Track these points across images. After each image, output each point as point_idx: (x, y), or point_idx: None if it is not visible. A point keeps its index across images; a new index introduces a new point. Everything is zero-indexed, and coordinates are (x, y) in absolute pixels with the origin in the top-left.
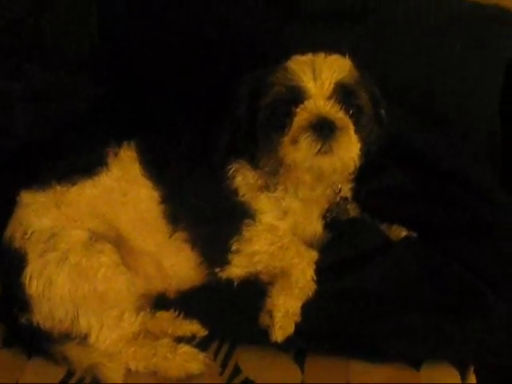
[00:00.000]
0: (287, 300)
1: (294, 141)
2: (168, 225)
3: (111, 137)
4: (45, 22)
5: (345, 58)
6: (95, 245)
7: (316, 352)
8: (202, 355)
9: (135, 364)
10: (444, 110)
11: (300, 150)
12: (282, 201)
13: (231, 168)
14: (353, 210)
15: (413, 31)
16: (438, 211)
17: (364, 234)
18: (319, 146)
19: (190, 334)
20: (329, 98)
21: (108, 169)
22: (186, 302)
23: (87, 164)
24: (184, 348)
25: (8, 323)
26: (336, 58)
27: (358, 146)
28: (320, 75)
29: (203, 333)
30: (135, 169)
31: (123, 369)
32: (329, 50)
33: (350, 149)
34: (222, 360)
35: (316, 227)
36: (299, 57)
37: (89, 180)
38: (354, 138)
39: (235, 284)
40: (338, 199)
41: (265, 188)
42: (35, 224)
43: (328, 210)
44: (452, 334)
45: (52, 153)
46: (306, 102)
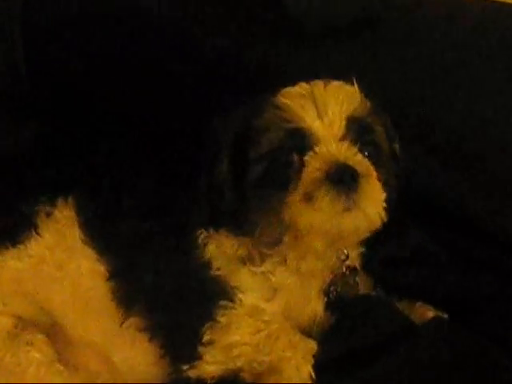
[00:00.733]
0: None
1: (308, 198)
2: (118, 308)
3: (42, 191)
4: None
5: (349, 83)
6: (22, 335)
7: None
8: None
9: None
10: (472, 149)
11: (318, 210)
12: (270, 276)
13: (201, 233)
14: (363, 283)
15: (428, 45)
16: (476, 282)
17: (378, 315)
18: (343, 201)
19: None
20: (341, 139)
21: (38, 234)
22: None
23: (11, 227)
24: None
25: None
26: (339, 85)
27: (384, 195)
28: (325, 110)
29: None
30: (74, 234)
31: None
32: (327, 76)
33: (376, 200)
34: None
35: (315, 308)
36: (291, 89)
37: (13, 249)
38: (378, 185)
39: None
40: (343, 269)
41: (248, 260)
42: None
43: (331, 283)
44: None
45: None
46: (315, 148)
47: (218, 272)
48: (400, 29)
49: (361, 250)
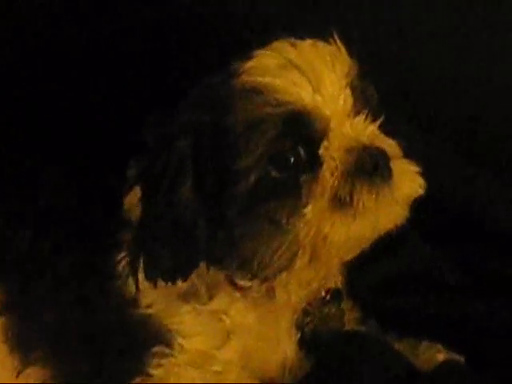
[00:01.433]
0: None
1: (338, 203)
2: (14, 354)
3: None
4: None
5: (333, 41)
6: None
7: None
8: None
9: None
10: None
11: (360, 215)
12: (222, 315)
13: (123, 258)
14: (349, 314)
15: None
16: (499, 312)
17: (369, 360)
18: (385, 196)
19: None
20: (351, 115)
21: None
22: None
23: None
24: None
25: None
26: (320, 44)
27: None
28: (321, 81)
29: None
30: None
31: None
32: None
33: (414, 185)
34: None
35: (285, 350)
36: (259, 60)
37: None
38: (411, 165)
39: None
40: (321, 293)
41: (191, 295)
42: None
43: (305, 312)
44: None
45: None
46: (329, 134)
47: (148, 310)
48: None
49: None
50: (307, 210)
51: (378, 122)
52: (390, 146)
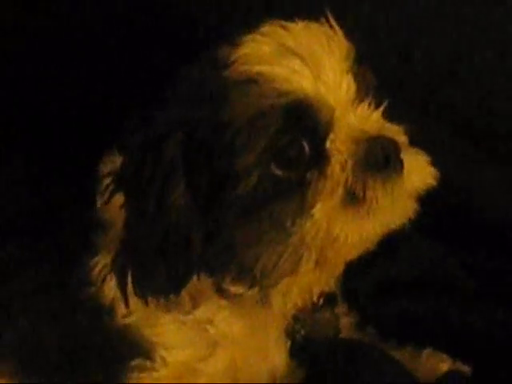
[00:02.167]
0: None
1: (350, 201)
2: None
3: None
4: None
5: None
6: None
7: None
8: None
9: None
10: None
11: (375, 213)
12: (207, 326)
13: (97, 263)
14: (345, 319)
15: None
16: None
17: (367, 370)
18: (399, 189)
19: None
20: (355, 103)
21: None
22: None
23: None
24: None
25: None
26: (314, 26)
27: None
28: (321, 67)
29: None
30: None
31: None
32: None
33: (426, 174)
34: None
35: (275, 360)
36: (250, 45)
37: None
38: (421, 153)
39: None
40: (314, 299)
41: (173, 304)
42: None
43: (296, 319)
44: None
45: None
46: (335, 126)
47: (126, 320)
48: None
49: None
50: (315, 209)
51: (382, 109)
52: (397, 134)
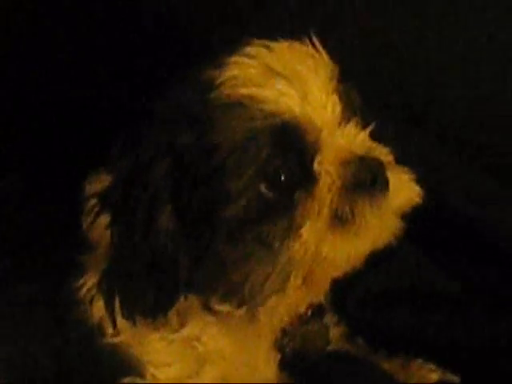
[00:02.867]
0: None
1: (338, 221)
2: None
3: None
4: None
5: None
6: None
7: None
8: None
9: None
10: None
11: (363, 232)
12: (195, 343)
13: (85, 283)
14: (334, 330)
15: None
16: (502, 330)
17: (357, 380)
18: (386, 209)
19: None
20: (341, 123)
21: None
22: None
23: None
24: None
25: None
26: (297, 46)
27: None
28: (307, 87)
29: None
30: None
31: None
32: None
33: (411, 193)
34: None
35: (266, 373)
36: (241, 60)
37: None
38: (405, 172)
39: None
40: (300, 308)
41: (160, 323)
42: None
43: (285, 332)
44: None
45: None
46: (323, 147)
47: (114, 339)
48: None
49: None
50: (303, 230)
51: (368, 129)
52: (383, 154)
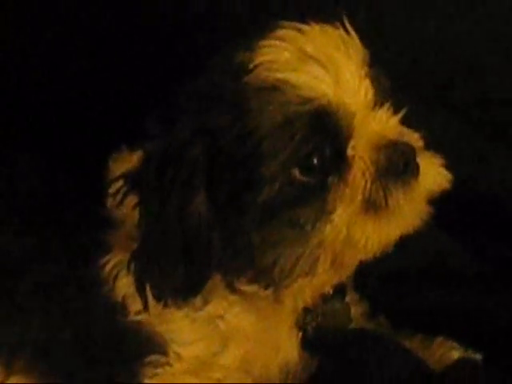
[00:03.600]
0: None
1: (370, 206)
2: None
3: None
4: None
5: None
6: None
7: None
8: None
9: None
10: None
11: (395, 218)
12: (219, 321)
13: (109, 261)
14: (356, 308)
15: None
16: None
17: (379, 359)
18: (418, 195)
19: None
20: (374, 107)
21: None
22: None
23: None
24: None
25: None
26: (330, 30)
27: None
28: (340, 72)
29: None
30: None
31: None
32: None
33: (441, 178)
34: None
35: (287, 353)
36: (267, 50)
37: None
38: (435, 157)
39: None
40: (325, 289)
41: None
42: None
43: (307, 311)
44: None
45: None
46: (356, 132)
47: (138, 317)
48: None
49: None
50: (335, 214)
51: (400, 114)
52: (414, 139)
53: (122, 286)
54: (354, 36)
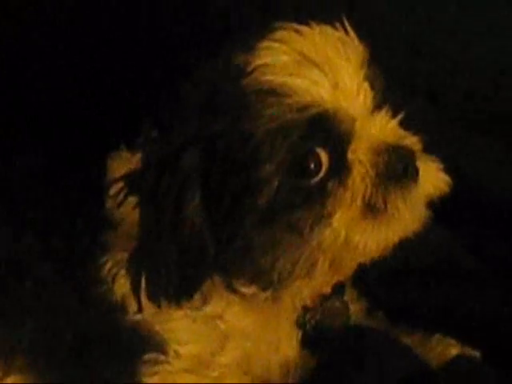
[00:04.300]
0: None
1: (369, 210)
2: None
3: None
4: None
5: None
6: None
7: None
8: None
9: None
10: None
11: (395, 222)
12: (218, 321)
13: (107, 261)
14: (354, 306)
15: None
16: None
17: (377, 356)
18: (417, 199)
19: None
20: (373, 110)
21: None
22: None
23: None
24: None
25: None
26: (329, 30)
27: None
28: (338, 75)
29: None
30: None
31: None
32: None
33: (439, 182)
34: None
35: (286, 351)
36: (273, 46)
37: None
38: (433, 161)
39: None
40: (323, 290)
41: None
42: None
43: (305, 309)
44: None
45: None
46: (355, 136)
47: (137, 316)
48: None
49: None
50: (334, 218)
51: (398, 118)
52: (413, 142)
53: (121, 285)
54: (354, 37)
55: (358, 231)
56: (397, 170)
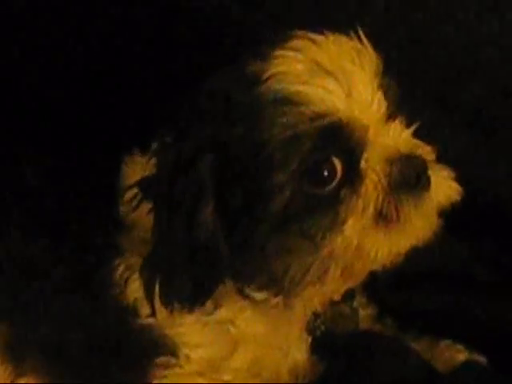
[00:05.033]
0: None
1: (382, 219)
2: (7, 364)
3: None
4: None
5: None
6: None
7: None
8: None
9: None
10: None
11: (407, 231)
12: (229, 326)
13: (120, 265)
14: (364, 312)
15: None
16: None
17: (386, 361)
18: (428, 208)
19: None
20: (387, 119)
21: None
22: None
23: None
24: None
25: None
26: (344, 40)
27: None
28: (352, 84)
29: None
30: None
31: None
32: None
33: (451, 191)
34: None
35: (296, 356)
36: (288, 54)
37: None
38: (446, 170)
39: None
40: (334, 297)
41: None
42: None
43: (316, 315)
44: None
45: None
46: (368, 146)
47: (149, 320)
48: None
49: None
50: (347, 226)
51: (413, 128)
52: (426, 152)
53: (134, 289)
54: (368, 46)
55: (370, 239)
56: (409, 179)
